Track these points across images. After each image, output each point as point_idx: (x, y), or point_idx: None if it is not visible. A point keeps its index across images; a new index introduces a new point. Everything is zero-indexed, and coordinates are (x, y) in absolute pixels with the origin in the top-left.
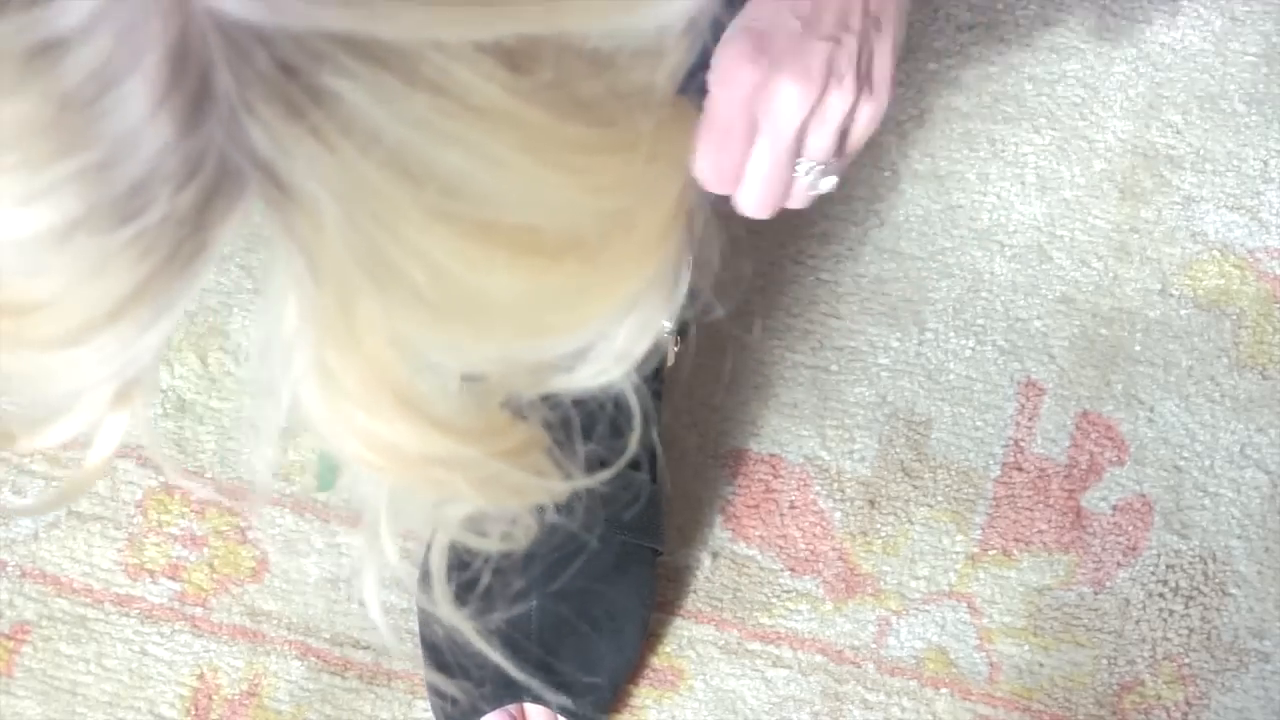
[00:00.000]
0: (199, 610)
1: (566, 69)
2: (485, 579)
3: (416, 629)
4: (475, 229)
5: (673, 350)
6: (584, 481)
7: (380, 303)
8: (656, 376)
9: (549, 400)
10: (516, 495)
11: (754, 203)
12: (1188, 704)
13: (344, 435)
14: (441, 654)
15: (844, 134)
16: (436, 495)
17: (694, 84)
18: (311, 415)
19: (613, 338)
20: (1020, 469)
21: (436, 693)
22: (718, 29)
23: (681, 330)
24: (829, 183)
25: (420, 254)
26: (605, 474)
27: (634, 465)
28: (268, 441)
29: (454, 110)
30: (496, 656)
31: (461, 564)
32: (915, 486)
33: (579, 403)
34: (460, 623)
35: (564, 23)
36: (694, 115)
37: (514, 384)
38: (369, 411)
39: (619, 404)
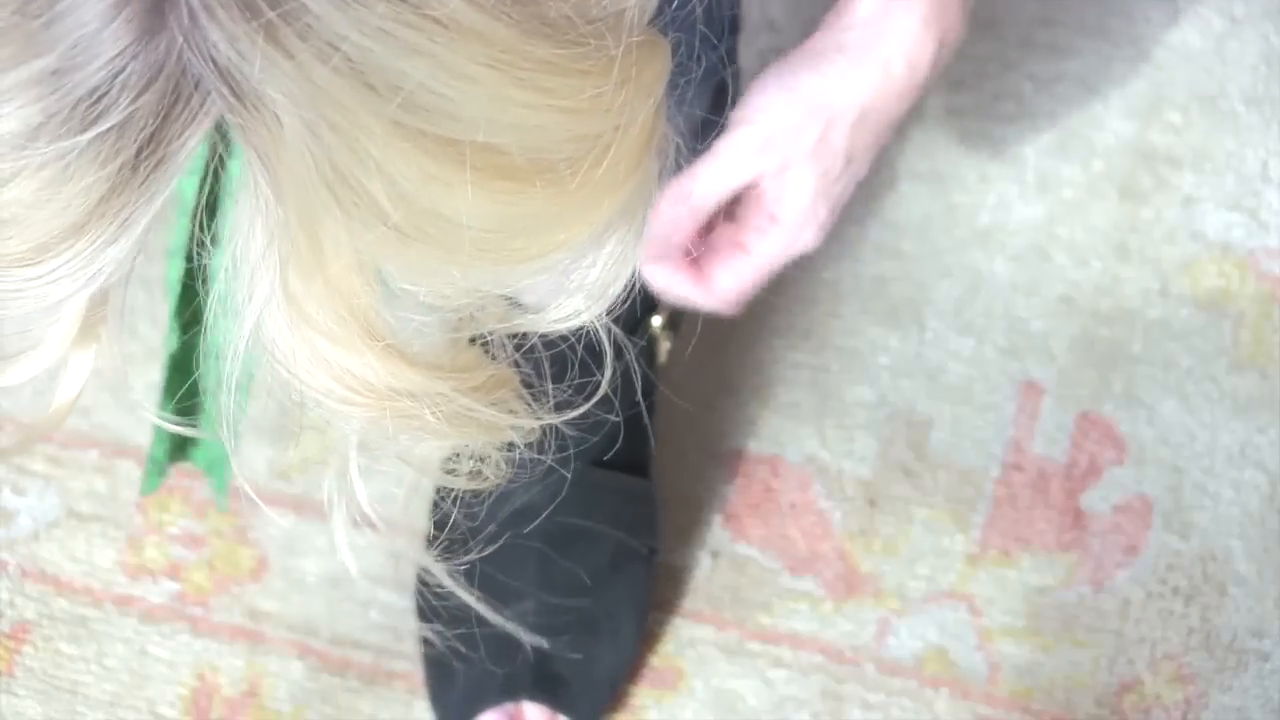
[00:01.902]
0: (199, 610)
1: None
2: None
3: (416, 629)
4: (439, 146)
5: (665, 346)
6: (553, 418)
7: (343, 223)
8: (650, 373)
9: (520, 346)
10: (486, 431)
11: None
12: (1187, 703)
13: (309, 366)
14: (441, 652)
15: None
16: (405, 430)
17: (668, 17)
18: (275, 344)
19: (586, 277)
20: (1020, 469)
21: (435, 693)
22: None
23: (673, 324)
24: None
25: (382, 170)
26: (574, 412)
27: (636, 463)
28: (232, 376)
29: (414, 20)
30: (483, 608)
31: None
32: (915, 486)
33: (550, 345)
34: (433, 565)
35: None
36: (665, 46)
37: (483, 319)
38: (333, 340)
39: (590, 350)
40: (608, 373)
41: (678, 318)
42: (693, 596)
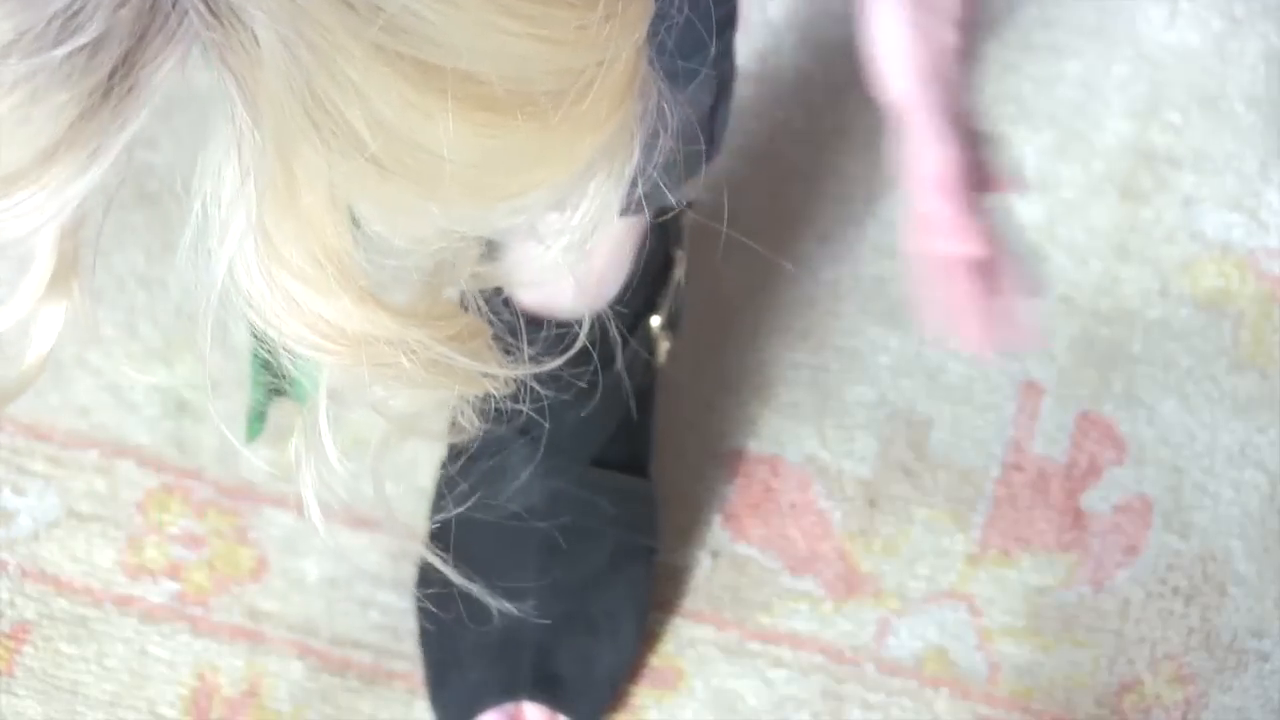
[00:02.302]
0: (199, 610)
1: None
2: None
3: (416, 629)
4: (419, 73)
5: (664, 346)
6: (530, 369)
7: (321, 152)
8: (648, 372)
9: (493, 303)
10: (461, 381)
11: None
12: (1187, 703)
13: (281, 310)
14: (440, 652)
15: None
16: (379, 377)
17: None
18: (247, 287)
19: (564, 228)
20: (1020, 469)
21: (435, 693)
22: None
23: (672, 324)
24: None
25: (361, 95)
26: (552, 364)
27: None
28: (203, 322)
29: None
30: (454, 575)
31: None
32: (915, 486)
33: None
34: (431, 556)
35: None
36: None
37: (459, 266)
38: (306, 282)
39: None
40: (585, 327)
41: (676, 318)
42: (693, 596)
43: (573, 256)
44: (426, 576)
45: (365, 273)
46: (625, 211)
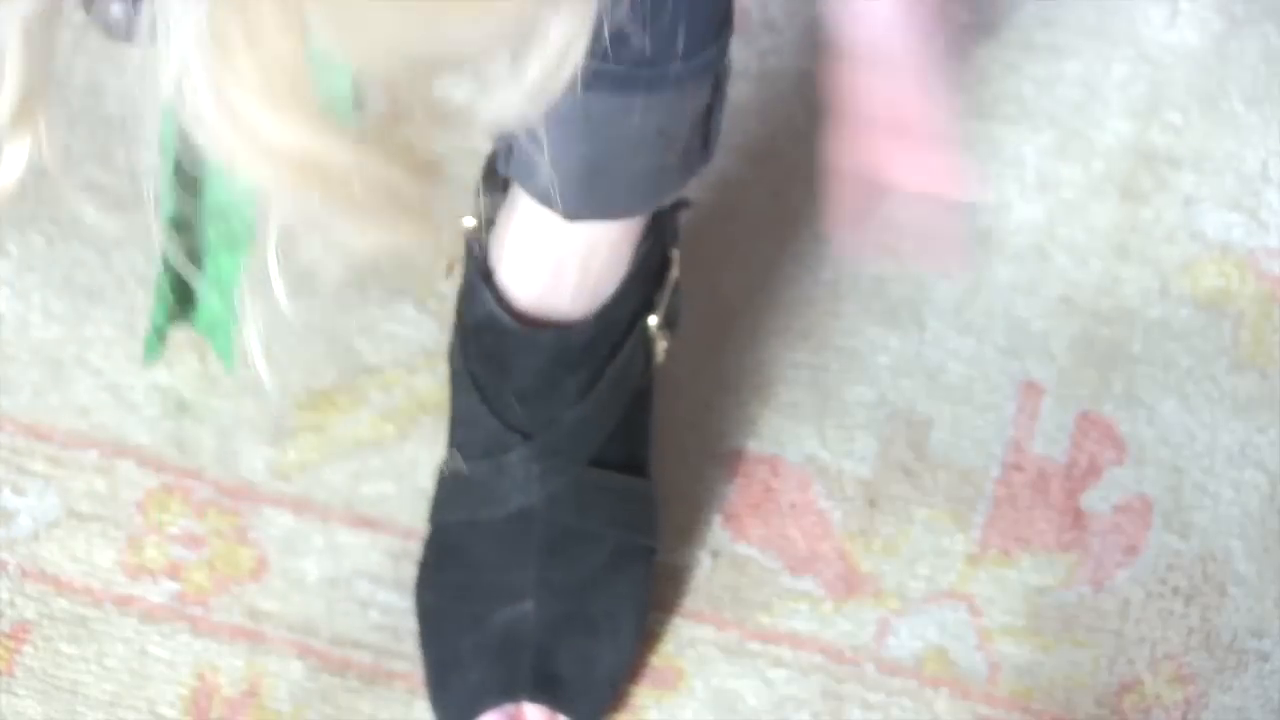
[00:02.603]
0: (199, 610)
1: None
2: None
3: (416, 629)
4: None
5: (661, 345)
6: (486, 208)
7: None
8: (646, 371)
9: (490, 304)
10: (414, 220)
11: None
12: (1187, 703)
13: (228, 129)
14: (440, 652)
15: None
16: (327, 205)
17: None
18: (194, 104)
19: (524, 66)
20: (1020, 469)
21: (435, 693)
22: None
23: (670, 323)
24: None
25: None
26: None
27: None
28: (148, 138)
29: None
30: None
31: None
32: (915, 486)
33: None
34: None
35: None
36: None
37: (415, 92)
38: (256, 98)
39: None
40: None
41: (673, 317)
42: (693, 596)
43: (534, 107)
44: (427, 576)
45: (317, 89)
46: (615, 215)
